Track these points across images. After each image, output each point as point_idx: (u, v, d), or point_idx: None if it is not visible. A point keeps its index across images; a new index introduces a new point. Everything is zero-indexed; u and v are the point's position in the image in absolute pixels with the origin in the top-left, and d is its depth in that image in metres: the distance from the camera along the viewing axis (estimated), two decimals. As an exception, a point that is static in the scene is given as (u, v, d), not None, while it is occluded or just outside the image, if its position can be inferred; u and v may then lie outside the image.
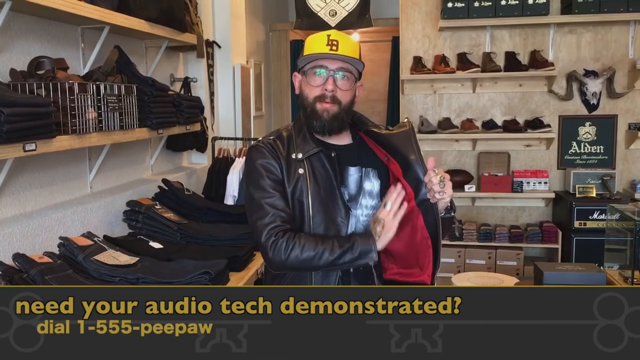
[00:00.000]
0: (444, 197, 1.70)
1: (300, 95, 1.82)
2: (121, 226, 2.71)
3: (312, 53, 1.74)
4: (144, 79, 2.71)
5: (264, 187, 1.75)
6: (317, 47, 1.74)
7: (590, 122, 4.82)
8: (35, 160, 2.25)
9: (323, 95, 1.75)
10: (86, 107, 2.13)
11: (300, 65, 1.80)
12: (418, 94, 5.05)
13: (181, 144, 3.55)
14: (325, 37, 1.74)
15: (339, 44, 1.73)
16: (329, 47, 1.72)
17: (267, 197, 1.73)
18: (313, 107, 1.77)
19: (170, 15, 2.94)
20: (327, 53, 1.72)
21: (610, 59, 4.74)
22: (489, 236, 4.76)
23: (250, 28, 4.97)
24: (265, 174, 1.76)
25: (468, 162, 5.04)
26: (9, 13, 1.97)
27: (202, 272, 2.10)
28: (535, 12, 4.53)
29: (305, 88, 1.79)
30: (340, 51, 1.72)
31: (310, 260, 1.67)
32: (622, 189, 4.76)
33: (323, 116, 1.76)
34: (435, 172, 1.71)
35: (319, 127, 1.77)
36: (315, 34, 1.79)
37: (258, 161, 1.78)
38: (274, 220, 1.70)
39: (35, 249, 2.10)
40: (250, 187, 1.79)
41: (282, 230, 1.69)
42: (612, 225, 2.79)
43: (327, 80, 1.74)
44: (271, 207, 1.72)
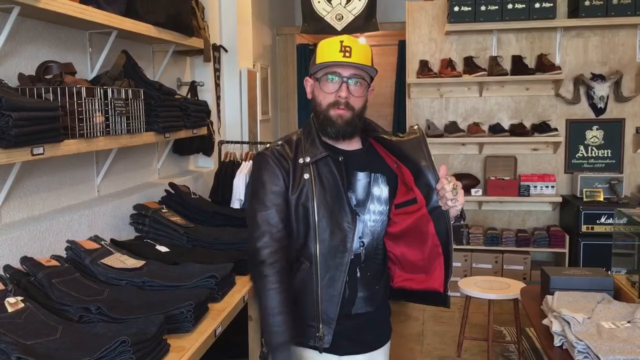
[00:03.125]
0: (456, 204, 1.71)
1: (312, 100, 1.83)
2: (128, 230, 2.71)
3: (326, 61, 1.74)
4: (151, 83, 2.72)
5: (263, 199, 1.77)
6: (330, 53, 1.74)
7: (598, 125, 4.81)
8: (43, 164, 2.26)
9: (337, 101, 1.76)
10: (93, 111, 2.14)
11: (313, 72, 1.80)
12: (424, 97, 5.05)
13: (188, 148, 3.55)
14: (338, 43, 1.74)
15: (352, 50, 1.73)
16: (342, 53, 1.72)
17: (263, 210, 1.76)
18: (326, 113, 1.77)
19: (178, 19, 2.95)
20: (341, 60, 1.72)
21: (617, 63, 4.72)
22: (496, 240, 4.75)
23: (256, 32, 4.99)
24: (266, 185, 1.78)
25: (475, 166, 5.03)
26: (18, 18, 1.98)
27: (208, 275, 2.11)
28: (542, 15, 4.52)
29: (319, 94, 1.79)
30: (353, 57, 1.72)
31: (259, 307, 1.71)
32: (629, 192, 4.74)
33: (337, 122, 1.76)
34: (447, 179, 1.71)
35: (333, 133, 1.78)
36: (327, 39, 1.79)
37: (261, 171, 1.81)
38: (265, 242, 1.73)
39: (43, 253, 2.11)
40: (251, 194, 1.83)
41: (266, 255, 1.72)
42: (620, 229, 2.78)
43: (340, 87, 1.75)
44: (264, 223, 1.74)
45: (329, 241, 1.77)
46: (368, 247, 1.85)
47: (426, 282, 1.83)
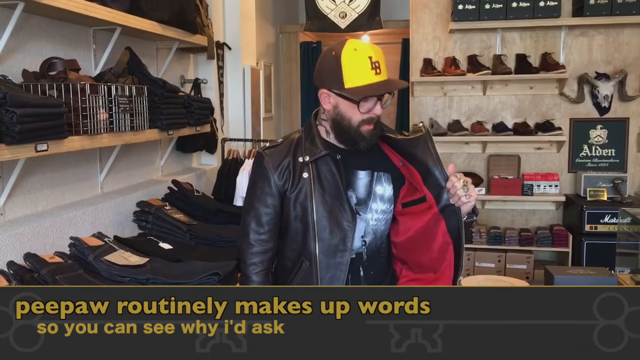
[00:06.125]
0: (470, 200, 1.71)
1: (336, 114, 1.77)
2: (131, 227, 2.72)
3: (363, 85, 1.69)
4: (155, 80, 2.72)
5: (252, 200, 1.85)
6: (363, 74, 1.69)
7: (602, 125, 4.79)
8: (47, 160, 2.26)
9: (371, 118, 1.76)
10: (97, 108, 2.14)
11: (344, 93, 1.72)
12: (428, 96, 5.04)
13: (191, 145, 3.56)
14: (367, 61, 1.69)
15: (380, 65, 1.71)
16: (374, 71, 1.70)
17: (251, 210, 1.84)
18: (358, 130, 1.76)
19: (182, 17, 2.95)
20: (378, 82, 1.70)
21: (622, 62, 4.70)
22: (499, 239, 4.73)
23: (260, 30, 4.98)
24: (257, 186, 1.84)
25: (478, 165, 5.02)
26: (22, 14, 1.98)
27: (211, 273, 2.11)
28: (546, 14, 4.50)
29: (349, 112, 1.75)
30: (382, 73, 1.71)
31: None
32: (633, 192, 4.72)
33: (369, 138, 1.78)
34: (457, 177, 1.71)
35: (365, 147, 1.79)
36: (352, 54, 1.70)
37: (255, 171, 1.86)
38: (247, 238, 1.84)
39: (46, 249, 2.11)
40: (247, 191, 1.91)
41: (252, 257, 1.83)
42: (624, 229, 2.77)
43: (375, 106, 1.75)
44: (250, 223, 1.84)
45: (329, 240, 1.77)
46: (370, 246, 1.85)
47: (435, 281, 1.82)
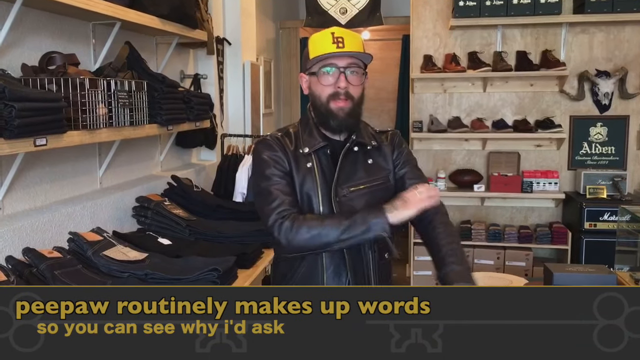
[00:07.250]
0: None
1: (311, 95, 1.81)
2: (130, 222, 2.71)
3: (321, 54, 1.73)
4: (155, 75, 2.71)
5: (271, 176, 1.75)
6: (323, 46, 1.74)
7: (602, 122, 4.78)
8: (46, 155, 2.26)
9: (336, 92, 1.75)
10: (97, 102, 2.14)
11: (308, 67, 1.79)
12: (428, 92, 5.03)
13: (191, 141, 3.55)
14: (329, 36, 1.74)
15: (344, 40, 1.72)
16: (335, 45, 1.72)
17: (275, 184, 1.74)
18: (327, 106, 1.76)
19: (182, 12, 2.94)
20: (335, 52, 1.72)
21: (622, 59, 4.70)
22: (498, 236, 4.74)
23: (260, 25, 4.97)
24: (273, 164, 1.76)
25: (478, 162, 5.01)
26: (21, 8, 1.97)
27: (210, 269, 2.11)
28: (547, 11, 4.49)
29: (317, 88, 1.78)
30: (347, 47, 1.72)
31: (317, 237, 1.65)
32: (633, 190, 4.72)
33: (339, 115, 1.75)
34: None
35: (336, 126, 1.77)
36: (317, 33, 1.79)
37: (265, 153, 1.78)
38: (281, 204, 1.70)
39: (45, 244, 2.11)
40: (258, 177, 1.79)
41: (289, 212, 1.69)
42: (623, 226, 2.77)
43: (338, 78, 1.74)
44: (279, 192, 1.72)
45: None
46: None
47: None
